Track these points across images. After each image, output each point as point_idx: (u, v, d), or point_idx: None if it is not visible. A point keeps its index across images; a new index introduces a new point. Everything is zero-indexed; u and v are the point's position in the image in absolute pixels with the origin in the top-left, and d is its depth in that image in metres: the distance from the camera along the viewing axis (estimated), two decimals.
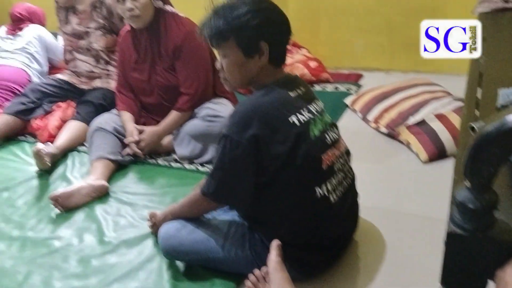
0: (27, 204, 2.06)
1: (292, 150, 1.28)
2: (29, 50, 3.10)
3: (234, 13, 1.31)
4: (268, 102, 1.31)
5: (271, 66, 1.35)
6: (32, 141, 2.57)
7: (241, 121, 1.29)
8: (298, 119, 1.31)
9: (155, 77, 2.28)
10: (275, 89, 1.34)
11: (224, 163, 1.33)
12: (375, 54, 2.95)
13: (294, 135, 1.29)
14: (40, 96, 2.68)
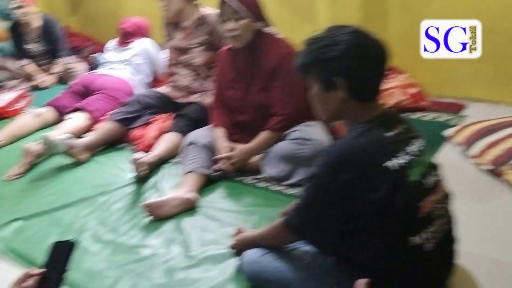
0: (121, 209, 2.16)
1: (387, 198, 1.20)
2: (134, 62, 3.30)
3: (317, 45, 1.28)
4: (361, 145, 1.24)
5: (357, 101, 1.29)
6: (131, 149, 2.71)
7: (333, 164, 1.24)
8: (394, 164, 1.22)
9: (250, 96, 2.31)
10: (369, 130, 1.26)
11: (312, 201, 1.30)
12: (482, 83, 2.76)
13: (389, 182, 1.20)
14: (142, 107, 2.83)
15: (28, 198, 2.33)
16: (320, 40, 1.28)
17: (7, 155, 2.79)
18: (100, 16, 4.30)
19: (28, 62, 3.97)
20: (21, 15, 3.78)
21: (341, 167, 1.22)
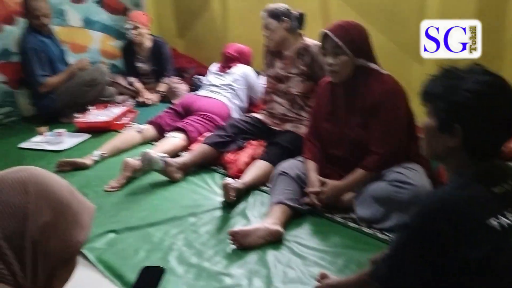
0: (208, 233, 2.18)
1: (486, 258, 1.08)
2: (233, 87, 3.38)
3: (451, 81, 1.18)
4: (462, 199, 1.13)
5: (468, 154, 1.18)
6: (222, 173, 2.75)
7: (428, 215, 1.14)
8: (500, 223, 1.10)
9: (346, 131, 2.24)
10: (474, 183, 1.15)
11: (402, 253, 1.20)
12: None
13: (491, 242, 1.09)
14: (236, 131, 2.87)
15: (123, 211, 2.44)
16: (456, 77, 1.19)
17: (109, 167, 2.95)
18: (205, 40, 4.48)
19: (136, 80, 4.23)
20: (135, 35, 4.05)
21: (438, 219, 1.12)
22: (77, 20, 4.30)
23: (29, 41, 3.65)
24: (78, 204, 0.89)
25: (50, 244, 0.83)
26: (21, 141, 3.44)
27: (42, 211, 0.82)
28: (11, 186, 0.83)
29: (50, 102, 3.74)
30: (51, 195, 0.85)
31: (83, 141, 3.43)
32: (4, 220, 0.80)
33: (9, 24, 3.89)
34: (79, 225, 0.88)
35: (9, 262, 0.79)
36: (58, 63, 3.83)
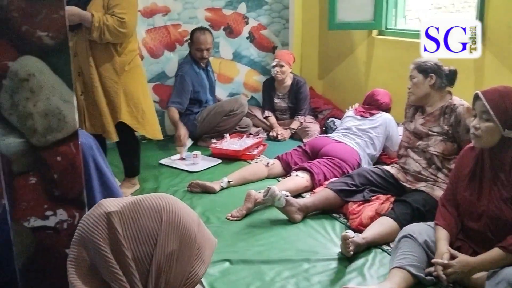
0: (320, 283, 2.12)
1: None
2: (370, 134, 3.30)
3: None
4: None
5: None
6: (343, 222, 2.68)
7: None
8: None
9: (487, 203, 2.04)
10: None
11: None
12: None
13: None
14: (364, 182, 2.78)
15: (241, 242, 2.49)
16: None
17: (233, 195, 3.05)
18: (345, 84, 4.48)
19: (272, 114, 4.36)
20: (278, 73, 4.20)
21: None
22: (228, 53, 4.60)
23: (182, 69, 4.00)
24: (203, 238, 0.92)
25: (172, 272, 0.86)
26: (162, 157, 3.73)
27: (171, 241, 0.86)
28: (148, 212, 0.87)
29: (193, 127, 4.01)
30: (181, 226, 0.88)
31: (214, 166, 3.60)
32: (137, 243, 0.85)
33: (170, 50, 4.30)
34: (201, 259, 0.90)
35: (134, 283, 0.83)
36: (207, 93, 4.14)
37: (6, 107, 1.07)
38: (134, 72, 2.93)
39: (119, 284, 0.83)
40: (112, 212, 0.86)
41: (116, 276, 0.82)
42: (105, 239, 0.84)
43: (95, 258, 0.85)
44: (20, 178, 1.11)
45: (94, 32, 2.69)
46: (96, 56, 2.81)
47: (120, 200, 0.90)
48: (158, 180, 3.35)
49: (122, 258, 0.84)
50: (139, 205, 0.88)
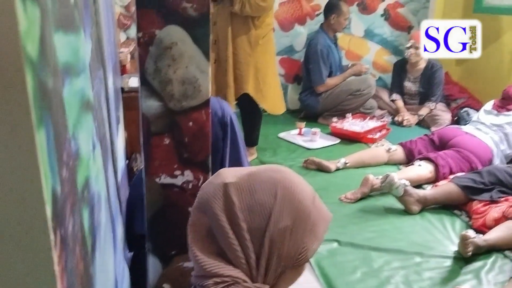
0: (431, 280, 2.03)
1: None
2: (505, 131, 3.02)
3: None
4: None
5: None
6: (465, 221, 2.51)
7: None
8: None
9: None
10: None
11: None
12: None
13: None
14: (494, 180, 2.56)
15: (352, 225, 2.46)
16: None
17: (348, 177, 3.01)
18: (484, 72, 4.11)
19: (399, 98, 4.18)
20: (413, 55, 3.99)
21: None
22: (360, 30, 4.47)
23: (320, 42, 3.98)
24: (317, 213, 0.91)
25: (285, 247, 0.87)
26: (281, 131, 3.80)
27: (284, 216, 0.87)
28: (264, 185, 0.89)
29: (315, 102, 4.02)
30: (296, 202, 0.88)
31: (332, 145, 3.58)
32: (251, 215, 0.87)
33: (300, 24, 4.30)
34: (314, 235, 0.90)
35: (248, 254, 0.86)
36: (336, 67, 4.08)
37: (150, 71, 1.17)
38: (266, 46, 3.00)
39: (234, 254, 0.86)
40: (230, 183, 0.88)
41: (232, 246, 0.85)
42: (222, 209, 0.87)
43: (212, 225, 0.88)
44: (156, 138, 1.22)
45: (236, 4, 2.80)
46: (234, 27, 2.92)
47: (239, 171, 0.92)
48: (275, 153, 3.43)
49: (237, 229, 0.86)
50: (256, 177, 0.90)
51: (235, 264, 0.86)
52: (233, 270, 0.85)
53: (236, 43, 2.94)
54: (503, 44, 3.92)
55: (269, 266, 0.87)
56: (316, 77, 3.98)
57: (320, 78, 3.96)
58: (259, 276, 0.87)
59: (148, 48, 1.14)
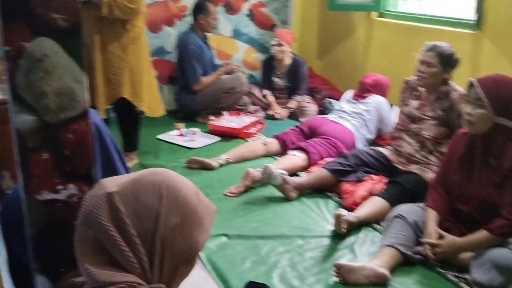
0: (313, 259, 2.22)
1: None
2: (364, 117, 3.37)
3: None
4: None
5: None
6: (337, 201, 2.76)
7: None
8: None
9: (477, 187, 2.12)
10: None
11: None
12: None
13: None
14: (358, 162, 2.86)
15: (237, 218, 2.57)
16: None
17: (231, 173, 3.12)
18: (343, 65, 4.51)
19: (270, 93, 4.41)
20: (277, 52, 4.23)
21: None
22: (228, 30, 4.61)
23: (191, 42, 4.02)
24: (202, 207, 0.97)
25: (177, 244, 0.91)
26: (160, 133, 3.79)
27: (172, 214, 0.91)
28: (147, 189, 0.92)
29: (191, 101, 4.07)
30: (181, 199, 0.93)
31: (212, 143, 3.66)
32: (140, 220, 0.90)
33: (169, 25, 4.31)
34: (202, 228, 0.96)
35: (141, 258, 0.88)
36: (209, 66, 4.17)
37: (21, 86, 1.12)
38: (140, 48, 2.97)
39: (127, 260, 0.88)
40: (113, 192, 0.90)
41: (123, 253, 0.87)
42: (109, 219, 0.88)
43: (100, 236, 0.89)
44: (34, 154, 1.17)
45: (104, 8, 2.72)
46: (104, 31, 2.85)
47: (120, 179, 0.94)
48: (157, 156, 3.42)
49: (127, 236, 0.88)
50: (139, 182, 0.92)
51: (129, 269, 0.87)
52: (127, 275, 0.87)
53: (107, 48, 2.86)
54: (356, 38, 4.34)
55: (163, 266, 0.90)
56: (190, 76, 4.03)
57: (195, 77, 4.02)
58: (154, 276, 0.90)
59: (17, 61, 1.09)
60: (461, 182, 2.19)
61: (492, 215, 2.05)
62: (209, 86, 4.07)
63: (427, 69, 2.63)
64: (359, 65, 4.27)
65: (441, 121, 2.67)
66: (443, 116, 2.66)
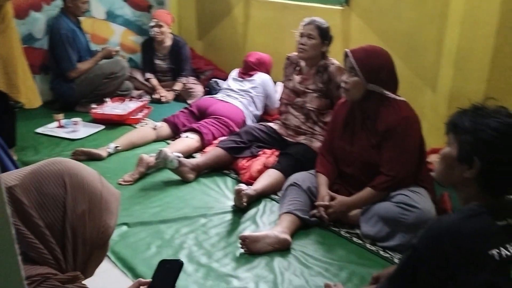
0: (218, 235, 2.27)
1: (484, 285, 1.18)
2: (251, 94, 3.47)
3: (481, 119, 1.26)
4: (467, 228, 1.21)
5: (480, 187, 1.27)
6: (235, 178, 2.84)
7: (434, 238, 1.23)
8: (500, 254, 1.18)
9: (358, 150, 2.33)
10: (481, 214, 1.23)
11: (404, 274, 1.29)
12: None
13: (491, 270, 1.17)
14: (251, 138, 2.96)
15: (136, 205, 2.52)
16: (485, 115, 1.27)
17: (122, 161, 3.03)
18: (224, 44, 4.57)
19: (153, 76, 4.32)
20: (157, 33, 4.14)
21: (443, 245, 1.20)
22: (101, 13, 4.39)
23: (63, 27, 3.75)
24: (107, 191, 0.98)
25: (87, 230, 0.92)
26: (38, 126, 3.53)
27: (79, 201, 0.91)
28: (49, 179, 0.90)
29: (69, 90, 3.83)
30: (85, 186, 0.93)
31: (97, 132, 3.51)
32: (46, 211, 0.88)
33: (36, 10, 3.98)
34: (110, 212, 0.97)
35: (52, 248, 0.87)
36: (84, 51, 3.93)
37: None
38: (10, 36, 2.71)
39: (38, 252, 0.86)
40: (14, 186, 0.87)
41: (33, 245, 0.85)
42: (13, 213, 0.85)
43: None
44: None
45: None
46: None
47: (17, 172, 0.91)
48: (37, 150, 3.19)
49: (34, 228, 0.86)
50: (39, 173, 0.91)
51: (41, 261, 0.86)
52: (40, 268, 0.85)
53: None
54: (234, 17, 4.40)
55: (76, 253, 0.90)
56: (65, 63, 3.78)
57: (70, 63, 3.78)
58: (68, 265, 0.89)
59: None
60: (345, 146, 2.39)
61: (374, 174, 2.28)
62: (86, 73, 3.86)
63: (308, 41, 2.79)
64: (240, 44, 4.36)
65: (322, 93, 2.86)
66: (324, 88, 2.85)
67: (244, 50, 4.05)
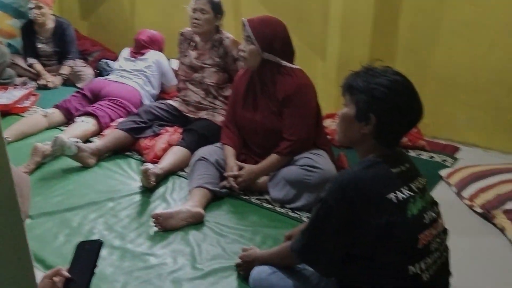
0: (129, 217, 2.23)
1: (387, 226, 1.31)
2: (146, 73, 3.39)
3: (374, 79, 1.38)
4: (367, 176, 1.35)
5: (376, 141, 1.40)
6: (138, 158, 2.78)
7: (341, 190, 1.35)
8: (397, 197, 1.33)
9: (261, 119, 2.41)
10: (378, 164, 1.37)
11: (316, 225, 1.40)
12: (476, 129, 2.93)
13: (390, 212, 1.32)
14: (151, 117, 2.91)
15: (36, 197, 2.37)
16: (375, 75, 1.38)
17: (14, 152, 2.81)
18: (111, 23, 4.38)
19: (36, 61, 4.03)
20: (37, 15, 3.85)
21: (348, 193, 1.33)
22: None
23: None
24: (18, 177, 0.94)
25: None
26: None
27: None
28: None
29: None
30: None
31: None
32: None
33: None
34: (22, 197, 0.94)
35: None
36: None
37: None
38: None
39: None
40: None
41: None
42: None
43: None
44: None
45: None
46: None
47: None
48: None
49: None
50: None
51: None
52: None
53: None
54: None
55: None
56: None
57: None
58: None
59: None
60: (248, 115, 2.45)
61: (278, 141, 2.38)
62: None
63: (202, 15, 2.79)
64: (128, 22, 4.22)
65: (220, 67, 2.89)
66: (221, 62, 2.88)
67: (133, 28, 3.93)
